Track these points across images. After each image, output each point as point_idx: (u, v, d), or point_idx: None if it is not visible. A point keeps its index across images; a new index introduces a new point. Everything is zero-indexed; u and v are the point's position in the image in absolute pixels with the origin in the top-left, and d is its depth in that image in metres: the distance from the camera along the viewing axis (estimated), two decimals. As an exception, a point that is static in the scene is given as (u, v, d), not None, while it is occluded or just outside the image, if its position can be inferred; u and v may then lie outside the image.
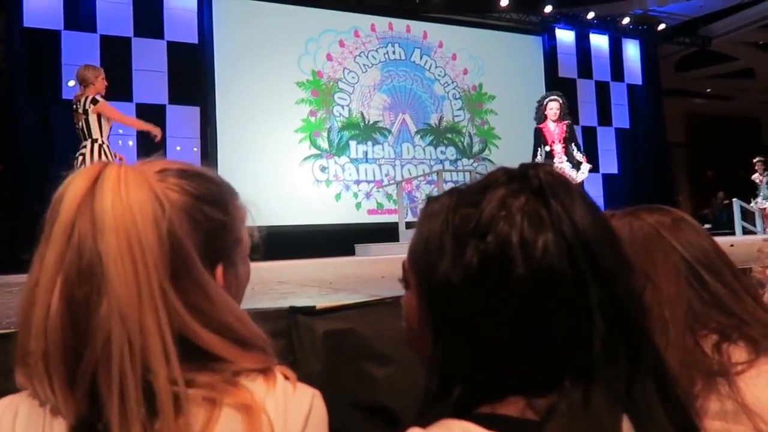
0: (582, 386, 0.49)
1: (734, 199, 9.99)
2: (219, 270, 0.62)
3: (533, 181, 0.53)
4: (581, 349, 0.49)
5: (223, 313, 0.56)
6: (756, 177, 9.93)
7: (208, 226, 0.61)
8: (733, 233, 9.31)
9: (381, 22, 9.80)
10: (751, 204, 9.81)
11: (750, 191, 11.88)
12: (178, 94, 8.20)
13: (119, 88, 7.82)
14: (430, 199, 0.61)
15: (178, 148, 8.12)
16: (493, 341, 0.51)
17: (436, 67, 10.13)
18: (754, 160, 9.91)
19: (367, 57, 9.66)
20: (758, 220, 9.86)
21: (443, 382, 0.54)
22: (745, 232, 9.56)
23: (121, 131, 7.77)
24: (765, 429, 0.71)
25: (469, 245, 0.52)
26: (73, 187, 0.53)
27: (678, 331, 0.80)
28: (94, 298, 0.50)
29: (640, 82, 11.82)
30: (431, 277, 0.55)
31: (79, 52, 7.65)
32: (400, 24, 9.94)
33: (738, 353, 0.78)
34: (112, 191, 0.51)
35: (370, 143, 9.50)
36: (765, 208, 9.64)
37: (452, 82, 10.22)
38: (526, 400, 0.51)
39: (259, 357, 0.58)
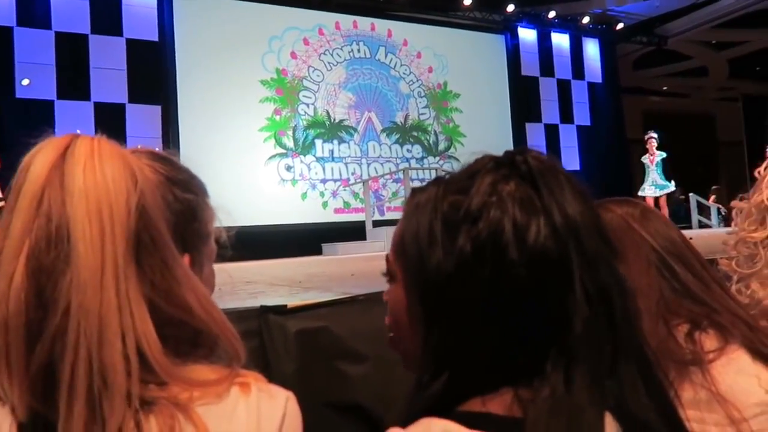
0: (563, 369, 0.49)
1: (691, 194, 10.28)
2: (186, 260, 0.60)
3: (521, 167, 0.54)
4: (563, 331, 0.50)
5: (186, 294, 0.53)
6: (646, 158, 8.28)
7: (179, 208, 0.60)
8: (690, 227, 9.58)
9: (345, 20, 9.76)
10: (639, 192, 8.00)
11: (706, 185, 12.27)
12: (138, 93, 8.01)
13: (76, 87, 7.63)
14: (415, 191, 0.60)
15: (140, 147, 7.91)
16: (485, 327, 0.51)
17: (401, 65, 10.15)
18: (646, 137, 8.36)
19: (331, 55, 9.61)
20: (713, 214, 10.16)
21: (435, 372, 0.53)
22: (701, 226, 9.86)
23: (78, 131, 7.55)
24: (737, 416, 0.72)
25: (460, 232, 0.52)
26: (42, 156, 0.50)
27: (651, 321, 0.81)
28: (60, 266, 0.48)
29: (599, 80, 12.09)
30: (423, 268, 0.54)
31: (33, 50, 7.40)
32: (364, 22, 9.92)
33: (709, 341, 0.79)
34: (84, 159, 0.50)
35: (335, 142, 9.46)
36: (656, 197, 7.91)
37: (417, 80, 10.25)
38: (514, 393, 0.50)
39: (218, 368, 0.55)
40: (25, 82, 7.35)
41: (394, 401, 0.60)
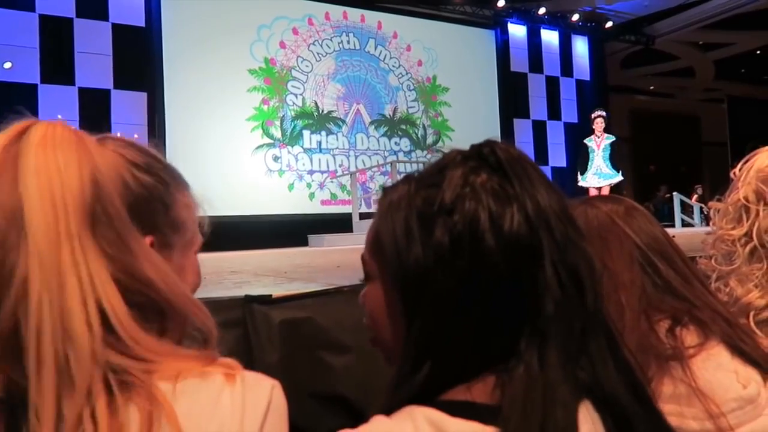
0: (537, 349, 0.51)
1: (675, 193, 10.40)
2: (147, 241, 0.61)
3: (490, 158, 0.55)
4: (537, 312, 0.51)
5: (145, 268, 0.54)
6: (591, 140, 7.15)
7: (139, 190, 0.61)
8: (673, 225, 9.69)
9: (335, 10, 9.70)
10: (579, 182, 7.09)
11: (689, 185, 12.42)
12: (124, 79, 7.90)
13: (60, 71, 7.51)
14: (387, 190, 0.61)
15: (119, 134, 7.80)
16: (464, 314, 0.52)
17: (390, 57, 10.12)
18: (593, 115, 7.30)
19: (321, 46, 9.56)
20: (696, 213, 10.28)
21: (416, 363, 0.54)
22: (684, 224, 9.98)
23: (60, 117, 7.45)
24: (716, 411, 0.73)
25: (436, 225, 0.53)
26: None
27: (633, 316, 0.82)
28: (14, 240, 0.49)
29: (587, 78, 12.15)
30: (401, 264, 0.55)
31: (16, 33, 7.26)
32: (354, 13, 9.87)
33: (689, 337, 0.81)
34: (38, 141, 0.51)
35: (323, 133, 9.43)
36: (601, 188, 6.90)
37: (406, 74, 10.23)
38: (496, 379, 0.52)
39: (194, 352, 0.54)
40: (8, 65, 7.23)
41: (377, 392, 0.60)
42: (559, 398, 0.49)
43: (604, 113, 7.32)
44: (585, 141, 7.20)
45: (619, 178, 7.07)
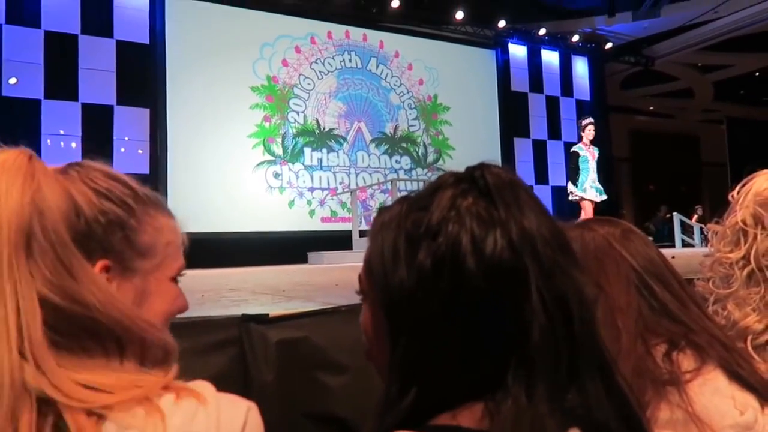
0: (524, 379, 0.50)
1: (675, 213, 10.40)
2: (98, 266, 0.61)
3: (479, 182, 0.55)
4: (523, 340, 0.50)
5: (87, 292, 0.54)
6: (583, 149, 6.51)
7: (93, 216, 0.62)
8: (673, 246, 9.68)
9: (338, 29, 9.80)
10: (569, 194, 6.65)
11: (689, 205, 12.42)
12: (127, 95, 7.95)
13: (64, 87, 7.57)
14: (382, 209, 0.61)
15: (122, 149, 7.87)
16: (448, 339, 0.52)
17: (392, 76, 10.19)
18: (584, 122, 6.63)
19: (323, 64, 9.63)
20: (696, 233, 10.27)
21: (402, 387, 0.53)
22: (684, 245, 9.97)
23: (62, 131, 7.48)
24: (712, 437, 0.73)
25: (421, 247, 0.53)
26: None
27: (630, 339, 0.82)
28: None
29: (587, 98, 12.23)
30: (387, 284, 0.55)
31: (22, 48, 7.34)
32: (356, 32, 9.96)
33: (686, 361, 0.80)
34: None
35: (324, 150, 9.46)
36: (595, 201, 6.48)
37: (408, 92, 10.30)
38: (484, 407, 0.51)
39: (157, 373, 0.55)
40: (13, 80, 7.28)
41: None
42: (548, 430, 0.48)
43: (593, 120, 6.73)
44: (575, 149, 6.64)
45: (605, 196, 6.66)
